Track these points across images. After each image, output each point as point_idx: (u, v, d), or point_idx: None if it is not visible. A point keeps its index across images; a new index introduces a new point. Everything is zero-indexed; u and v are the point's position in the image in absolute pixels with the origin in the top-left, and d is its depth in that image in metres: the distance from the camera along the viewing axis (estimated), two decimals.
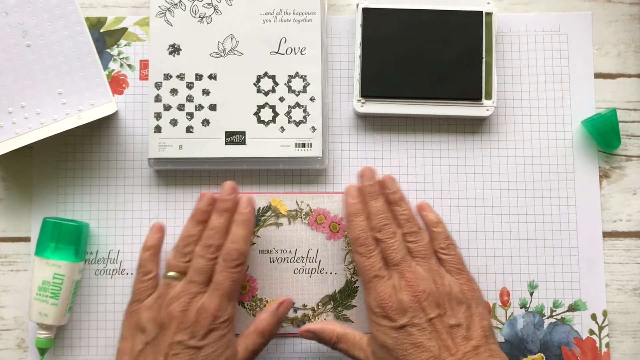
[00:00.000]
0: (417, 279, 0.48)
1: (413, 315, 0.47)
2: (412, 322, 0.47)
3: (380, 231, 0.50)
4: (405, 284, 0.48)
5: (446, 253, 0.51)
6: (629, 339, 0.57)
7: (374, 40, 0.57)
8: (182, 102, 0.56)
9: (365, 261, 0.50)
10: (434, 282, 0.48)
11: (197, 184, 0.58)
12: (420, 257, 0.50)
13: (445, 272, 0.50)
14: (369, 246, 0.50)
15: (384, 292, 0.48)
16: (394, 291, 0.48)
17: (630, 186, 0.59)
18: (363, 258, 0.50)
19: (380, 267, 0.49)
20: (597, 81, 0.60)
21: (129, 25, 0.59)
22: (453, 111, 0.57)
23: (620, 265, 0.58)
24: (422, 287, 0.48)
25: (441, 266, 0.50)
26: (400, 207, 0.52)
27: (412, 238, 0.50)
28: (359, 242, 0.50)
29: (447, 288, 0.48)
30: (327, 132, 0.58)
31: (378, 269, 0.49)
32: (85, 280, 0.57)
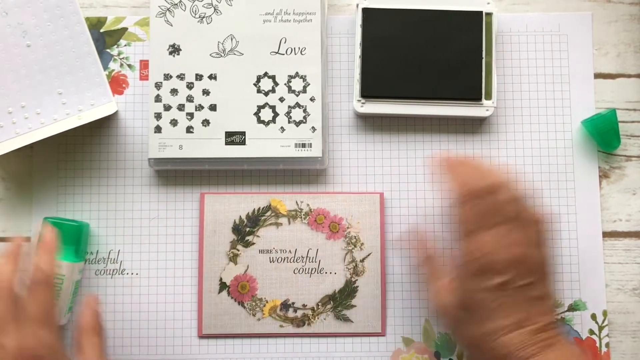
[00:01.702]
0: (522, 241, 0.46)
1: (509, 277, 0.45)
2: (506, 282, 0.45)
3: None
4: (509, 242, 0.46)
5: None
6: (628, 339, 0.57)
7: (374, 40, 0.57)
8: (182, 102, 0.56)
9: (471, 210, 0.47)
10: (535, 247, 0.46)
11: (197, 184, 0.58)
12: (524, 222, 0.47)
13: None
14: (476, 199, 0.47)
15: (488, 244, 0.46)
16: (497, 247, 0.45)
17: (630, 186, 0.59)
18: (468, 207, 0.47)
19: (487, 217, 0.47)
20: (597, 81, 0.60)
21: (129, 25, 0.59)
22: (453, 111, 0.57)
23: (620, 265, 0.58)
24: (523, 251, 0.46)
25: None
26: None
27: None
28: (469, 193, 0.47)
29: (541, 259, 0.46)
30: (327, 132, 0.58)
31: (484, 220, 0.46)
32: (85, 280, 0.57)
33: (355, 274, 0.57)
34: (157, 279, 0.57)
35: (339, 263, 0.57)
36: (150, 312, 0.57)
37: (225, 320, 0.56)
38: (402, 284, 0.57)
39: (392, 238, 0.58)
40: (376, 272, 0.57)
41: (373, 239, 0.57)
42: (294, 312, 0.57)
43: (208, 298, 0.56)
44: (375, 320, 0.57)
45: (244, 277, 0.57)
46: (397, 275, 0.57)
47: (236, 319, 0.56)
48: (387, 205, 0.58)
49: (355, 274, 0.57)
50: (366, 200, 0.57)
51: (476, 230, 0.46)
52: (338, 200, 0.57)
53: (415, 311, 0.57)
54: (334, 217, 0.57)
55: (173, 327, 0.57)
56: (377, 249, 0.57)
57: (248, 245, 0.57)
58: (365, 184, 0.58)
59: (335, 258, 0.57)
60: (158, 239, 0.58)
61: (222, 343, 0.57)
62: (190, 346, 0.57)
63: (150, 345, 0.57)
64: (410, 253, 0.58)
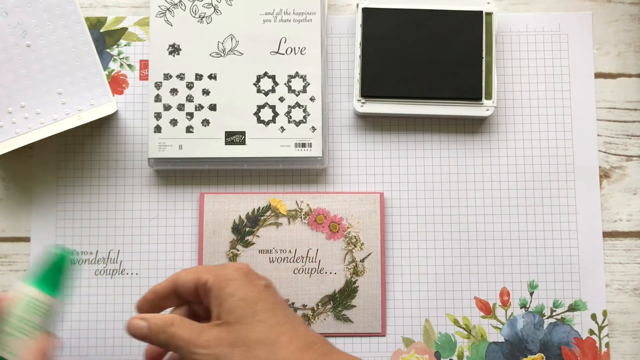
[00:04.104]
0: None
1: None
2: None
3: None
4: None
5: None
6: (629, 339, 0.57)
7: (374, 40, 0.57)
8: (182, 102, 0.56)
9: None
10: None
11: (197, 184, 0.58)
12: None
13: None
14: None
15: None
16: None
17: (630, 186, 0.59)
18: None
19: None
20: (597, 81, 0.60)
21: (129, 25, 0.59)
22: (453, 111, 0.57)
23: (620, 265, 0.58)
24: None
25: None
26: None
27: None
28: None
29: None
30: (327, 132, 0.58)
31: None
32: (85, 280, 0.57)
33: (355, 274, 0.57)
34: (157, 279, 0.57)
35: (339, 263, 0.57)
36: None
37: None
38: (402, 284, 0.57)
39: (392, 238, 0.58)
40: (376, 272, 0.57)
41: (373, 239, 0.57)
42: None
43: None
44: (375, 321, 0.57)
45: None
46: (397, 275, 0.57)
47: None
48: (387, 205, 0.58)
49: (355, 274, 0.57)
50: (366, 200, 0.57)
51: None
52: (338, 200, 0.57)
53: (415, 311, 0.57)
54: (334, 217, 0.57)
55: None
56: (377, 249, 0.57)
57: (248, 245, 0.57)
58: (365, 184, 0.58)
59: (335, 258, 0.57)
60: (158, 239, 0.58)
61: None
62: None
63: None
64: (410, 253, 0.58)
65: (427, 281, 0.57)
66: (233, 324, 0.37)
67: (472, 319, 0.57)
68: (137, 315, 0.40)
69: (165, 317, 0.39)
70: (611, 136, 0.59)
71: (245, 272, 0.39)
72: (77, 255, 0.57)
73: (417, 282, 0.57)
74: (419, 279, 0.57)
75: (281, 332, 0.37)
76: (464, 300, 0.57)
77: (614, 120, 0.59)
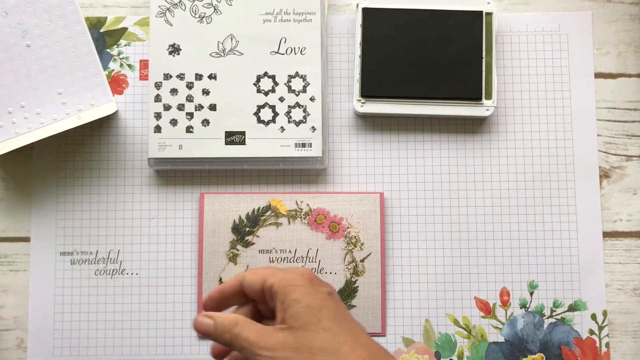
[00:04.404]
0: None
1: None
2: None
3: None
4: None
5: None
6: (629, 339, 0.57)
7: (374, 40, 0.57)
8: (182, 102, 0.56)
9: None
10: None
11: (197, 184, 0.58)
12: None
13: None
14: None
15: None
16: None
17: (630, 186, 0.59)
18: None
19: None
20: (597, 81, 0.60)
21: (129, 25, 0.59)
22: (453, 111, 0.57)
23: (620, 265, 0.58)
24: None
25: None
26: None
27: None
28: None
29: None
30: (327, 132, 0.58)
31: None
32: (85, 280, 0.57)
33: (355, 274, 0.57)
34: (157, 279, 0.57)
35: (339, 263, 0.57)
36: (150, 312, 0.57)
37: None
38: (402, 284, 0.57)
39: (392, 238, 0.58)
40: (376, 272, 0.57)
41: (373, 239, 0.57)
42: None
43: None
44: (375, 321, 0.57)
45: None
46: (397, 275, 0.57)
47: None
48: (387, 205, 0.58)
49: (355, 274, 0.57)
50: (366, 200, 0.57)
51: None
52: (338, 200, 0.57)
53: (415, 311, 0.57)
54: (334, 217, 0.57)
55: (173, 327, 0.57)
56: (377, 249, 0.57)
57: (248, 245, 0.57)
58: (365, 184, 0.58)
59: (335, 258, 0.57)
60: (158, 239, 0.58)
61: None
62: (190, 346, 0.57)
63: (150, 346, 0.56)
64: None
65: (427, 281, 0.57)
66: (298, 329, 0.38)
67: (472, 319, 0.57)
68: (203, 313, 0.41)
69: (230, 317, 0.40)
70: (611, 136, 0.59)
71: (309, 277, 0.40)
72: (77, 255, 0.57)
73: (417, 282, 0.57)
74: (419, 279, 0.57)
75: (344, 342, 0.38)
76: (464, 300, 0.57)
77: (614, 120, 0.59)
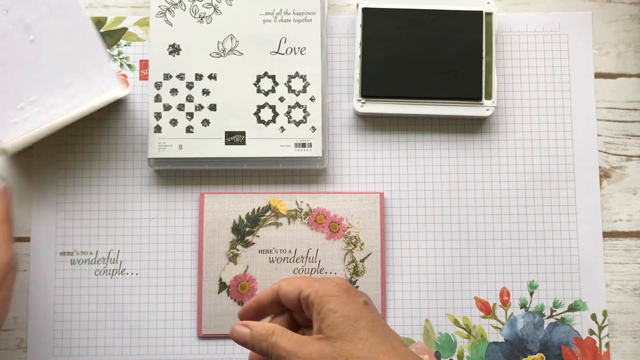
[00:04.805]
0: None
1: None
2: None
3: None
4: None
5: None
6: (629, 339, 0.57)
7: (374, 40, 0.57)
8: (182, 102, 0.56)
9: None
10: None
11: (197, 184, 0.58)
12: None
13: None
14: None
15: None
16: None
17: (630, 186, 0.59)
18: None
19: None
20: (597, 81, 0.60)
21: (129, 25, 0.59)
22: (453, 111, 0.57)
23: (620, 265, 0.58)
24: None
25: None
26: None
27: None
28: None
29: None
30: (327, 132, 0.58)
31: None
32: (85, 280, 0.57)
33: (355, 274, 0.57)
34: (157, 279, 0.57)
35: (339, 263, 0.57)
36: (150, 312, 0.57)
37: (225, 320, 0.56)
38: (402, 284, 0.57)
39: (392, 238, 0.58)
40: (376, 272, 0.57)
41: (373, 239, 0.57)
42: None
43: (208, 298, 0.56)
44: None
45: (243, 277, 0.57)
46: (397, 275, 0.57)
47: (236, 319, 0.56)
48: (387, 205, 0.58)
49: (355, 274, 0.57)
50: (366, 200, 0.57)
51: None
52: (338, 200, 0.57)
53: (415, 311, 0.57)
54: (334, 217, 0.57)
55: (173, 327, 0.57)
56: (377, 249, 0.57)
57: (248, 245, 0.57)
58: (365, 184, 0.58)
59: (335, 258, 0.57)
60: (158, 239, 0.58)
61: (221, 343, 0.57)
62: (190, 346, 0.57)
63: (150, 346, 0.56)
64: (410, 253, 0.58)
65: (427, 281, 0.57)
66: (335, 339, 0.38)
67: (472, 319, 0.57)
68: (240, 322, 0.41)
69: (267, 327, 0.40)
70: (611, 136, 0.59)
71: (345, 288, 0.40)
72: (77, 255, 0.57)
73: (417, 282, 0.57)
74: (419, 279, 0.57)
75: (382, 352, 0.38)
76: (464, 300, 0.57)
77: (614, 120, 0.59)
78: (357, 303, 0.40)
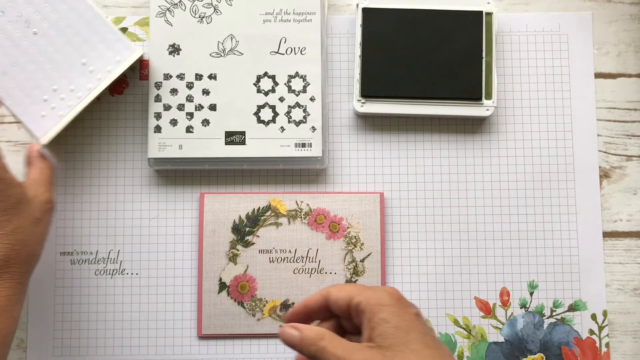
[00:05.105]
0: None
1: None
2: None
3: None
4: None
5: None
6: (629, 339, 0.57)
7: (374, 40, 0.57)
8: (182, 102, 0.56)
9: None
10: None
11: (197, 184, 0.58)
12: None
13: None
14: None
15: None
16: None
17: (630, 186, 0.59)
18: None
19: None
20: (597, 81, 0.60)
21: (129, 25, 0.59)
22: (453, 111, 0.57)
23: (620, 265, 0.58)
24: None
25: None
26: None
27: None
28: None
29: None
30: (327, 132, 0.58)
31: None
32: (85, 280, 0.57)
33: (355, 274, 0.57)
34: (157, 279, 0.57)
35: (339, 263, 0.57)
36: (150, 312, 0.57)
37: (224, 320, 0.56)
38: (402, 284, 0.57)
39: (392, 238, 0.58)
40: (376, 272, 0.57)
41: (373, 239, 0.57)
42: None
43: (208, 298, 0.56)
44: None
45: (243, 277, 0.57)
46: (397, 275, 0.57)
47: (236, 319, 0.56)
48: (387, 205, 0.58)
49: (355, 274, 0.57)
50: (366, 200, 0.57)
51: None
52: (338, 200, 0.57)
53: None
54: (334, 217, 0.57)
55: (173, 327, 0.57)
56: (377, 249, 0.57)
57: (248, 245, 0.57)
58: (365, 184, 0.58)
59: (335, 258, 0.57)
60: (158, 239, 0.58)
61: (221, 343, 0.57)
62: (190, 346, 0.57)
63: (150, 346, 0.56)
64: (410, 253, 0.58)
65: (427, 281, 0.57)
66: (387, 349, 0.38)
67: (472, 319, 0.57)
68: (290, 324, 0.41)
69: (317, 330, 0.40)
70: (611, 136, 0.59)
71: (397, 297, 0.40)
72: (77, 255, 0.57)
73: (417, 282, 0.57)
74: (419, 279, 0.57)
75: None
76: (464, 300, 0.57)
77: (614, 120, 0.59)
78: (409, 314, 0.39)
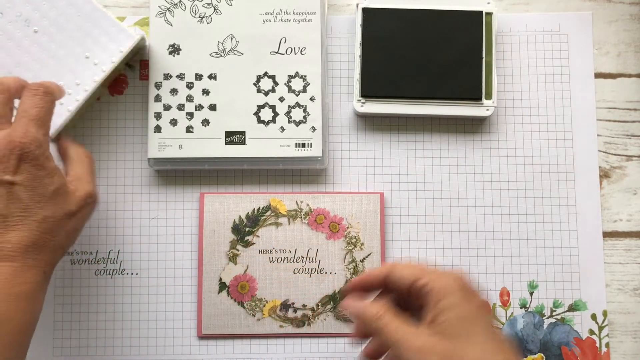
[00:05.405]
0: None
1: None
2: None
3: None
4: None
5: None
6: (629, 339, 0.57)
7: (374, 40, 0.57)
8: (182, 102, 0.56)
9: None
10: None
11: (197, 184, 0.58)
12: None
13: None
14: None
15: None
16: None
17: (630, 186, 0.59)
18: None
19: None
20: (597, 81, 0.60)
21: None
22: (453, 111, 0.57)
23: (620, 265, 0.58)
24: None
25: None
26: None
27: None
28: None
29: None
30: (327, 132, 0.58)
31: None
32: (85, 280, 0.57)
33: (355, 274, 0.57)
34: (157, 279, 0.57)
35: (339, 263, 0.57)
36: (150, 312, 0.57)
37: (224, 320, 0.56)
38: None
39: (392, 238, 0.58)
40: None
41: (373, 239, 0.57)
42: (294, 312, 0.56)
43: (208, 298, 0.56)
44: None
45: (243, 277, 0.57)
46: None
47: (236, 319, 0.56)
48: (387, 205, 0.58)
49: (355, 274, 0.57)
50: (366, 200, 0.57)
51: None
52: (338, 200, 0.57)
53: None
54: (334, 217, 0.57)
55: (173, 327, 0.57)
56: (377, 249, 0.57)
57: (248, 245, 0.57)
58: (365, 184, 0.58)
59: (335, 258, 0.57)
60: (158, 239, 0.58)
61: (221, 343, 0.57)
62: (190, 346, 0.57)
63: (150, 346, 0.56)
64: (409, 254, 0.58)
65: None
66: (449, 337, 0.37)
67: None
68: (352, 299, 0.42)
69: (376, 308, 0.40)
70: (611, 136, 0.59)
71: (463, 284, 0.40)
72: (77, 255, 0.57)
73: None
74: None
75: (496, 359, 0.37)
76: None
77: (614, 120, 0.59)
78: (474, 304, 0.39)
